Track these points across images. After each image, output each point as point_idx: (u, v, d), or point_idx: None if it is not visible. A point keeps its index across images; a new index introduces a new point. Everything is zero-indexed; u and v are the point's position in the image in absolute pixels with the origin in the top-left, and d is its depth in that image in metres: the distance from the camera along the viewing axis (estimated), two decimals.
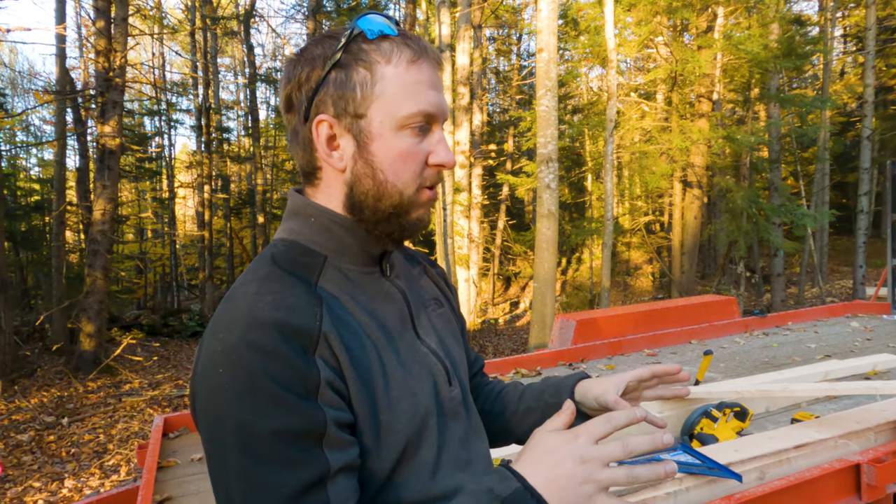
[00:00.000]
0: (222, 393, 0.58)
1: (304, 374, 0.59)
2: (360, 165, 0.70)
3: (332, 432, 0.60)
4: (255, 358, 0.58)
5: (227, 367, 0.59)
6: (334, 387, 0.62)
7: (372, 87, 0.68)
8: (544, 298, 6.38)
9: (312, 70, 0.69)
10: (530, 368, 3.42)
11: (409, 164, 0.69)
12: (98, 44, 8.03)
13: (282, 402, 0.58)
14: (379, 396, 0.66)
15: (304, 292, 0.65)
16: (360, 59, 0.68)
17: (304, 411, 0.59)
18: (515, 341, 10.69)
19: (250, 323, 0.60)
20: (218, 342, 0.60)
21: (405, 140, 0.69)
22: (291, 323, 0.61)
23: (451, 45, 9.43)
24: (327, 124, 0.69)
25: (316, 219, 0.72)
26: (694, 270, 11.35)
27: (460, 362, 0.84)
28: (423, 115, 0.69)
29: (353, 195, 0.71)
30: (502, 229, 16.67)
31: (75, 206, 11.77)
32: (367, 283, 0.73)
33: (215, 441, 0.60)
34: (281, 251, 0.71)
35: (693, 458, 1.77)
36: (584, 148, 15.19)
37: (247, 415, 0.57)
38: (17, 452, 5.18)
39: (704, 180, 10.88)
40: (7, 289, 7.78)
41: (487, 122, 18.41)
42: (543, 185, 6.46)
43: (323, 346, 0.62)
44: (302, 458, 0.58)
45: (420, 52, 0.70)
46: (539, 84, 6.42)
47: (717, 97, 10.92)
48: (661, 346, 3.77)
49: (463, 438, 0.77)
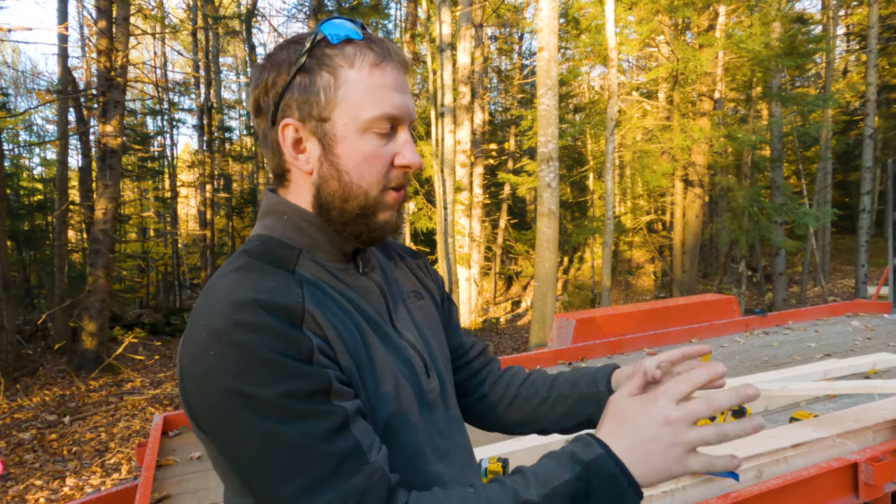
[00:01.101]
0: (219, 374, 0.58)
1: (297, 343, 0.60)
2: (326, 168, 0.71)
3: (336, 387, 0.61)
4: (245, 334, 0.58)
5: (218, 348, 0.58)
6: (326, 353, 0.63)
7: (335, 91, 0.69)
8: (545, 297, 6.38)
9: (278, 75, 0.70)
10: (530, 367, 3.43)
11: (375, 166, 0.70)
12: (100, 43, 8.05)
13: (282, 368, 0.58)
14: (365, 376, 0.67)
15: (283, 277, 0.66)
16: (324, 64, 0.69)
17: (307, 373, 0.60)
18: (517, 340, 10.68)
19: (233, 305, 0.60)
20: (202, 329, 0.60)
21: (370, 142, 0.70)
22: (275, 301, 0.61)
23: (451, 43, 9.43)
24: (293, 128, 0.71)
25: (288, 216, 0.73)
26: (695, 269, 11.34)
27: (440, 355, 0.84)
28: (387, 118, 0.70)
29: (320, 196, 0.72)
30: (504, 228, 16.67)
31: (77, 205, 11.79)
32: (343, 276, 0.74)
33: (224, 426, 0.59)
34: (256, 245, 0.71)
35: None
36: (585, 147, 15.17)
37: (251, 387, 0.57)
38: (19, 451, 5.19)
39: (706, 179, 10.86)
40: (9, 288, 7.80)
41: (489, 121, 18.40)
42: (544, 183, 6.46)
43: (309, 320, 0.63)
44: (318, 410, 0.59)
45: (384, 55, 0.71)
46: (540, 83, 6.41)
47: (718, 96, 10.90)
48: (661, 345, 3.77)
49: (442, 430, 0.78)
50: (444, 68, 8.92)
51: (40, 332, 10.22)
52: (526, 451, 2.08)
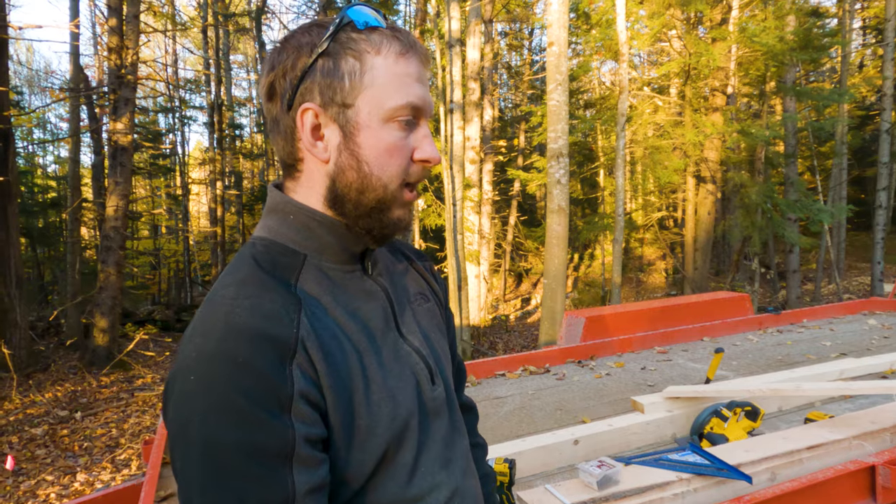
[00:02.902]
0: (192, 402, 0.57)
1: (276, 389, 0.58)
2: (345, 157, 0.68)
3: (301, 451, 0.58)
4: (227, 370, 0.57)
5: (199, 376, 0.57)
6: (309, 399, 0.60)
7: (361, 77, 0.66)
8: (554, 295, 6.34)
9: (298, 58, 0.67)
10: (539, 365, 3.40)
11: (395, 159, 0.68)
12: (110, 41, 8.09)
13: (250, 418, 0.56)
14: (358, 401, 0.64)
15: (282, 296, 0.64)
16: (350, 48, 0.66)
17: (273, 429, 0.57)
18: (526, 338, 10.64)
19: (226, 330, 0.58)
20: (194, 347, 0.59)
21: (392, 133, 0.67)
22: (268, 332, 0.59)
23: (461, 39, 9.38)
24: (313, 113, 0.68)
25: (295, 216, 0.70)
26: (707, 267, 11.23)
27: (444, 358, 0.82)
28: (411, 108, 0.67)
29: (335, 188, 0.69)
30: (513, 225, 16.61)
31: (90, 202, 11.90)
32: (348, 282, 0.72)
33: (180, 450, 0.58)
34: (260, 251, 0.69)
35: (702, 459, 1.73)
36: (595, 143, 15.07)
37: (213, 429, 0.56)
38: (31, 446, 5.24)
39: (718, 175, 10.74)
40: (22, 284, 7.88)
41: (499, 118, 18.33)
42: (554, 180, 6.41)
43: (300, 354, 0.60)
44: (266, 476, 0.57)
45: (409, 45, 0.68)
46: (550, 78, 6.36)
47: (731, 91, 10.76)
48: (672, 344, 3.73)
49: (446, 437, 0.76)
50: (453, 64, 8.87)
51: (53, 328, 10.33)
52: (534, 451, 2.05)
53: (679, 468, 1.66)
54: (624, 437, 2.15)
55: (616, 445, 2.14)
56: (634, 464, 1.75)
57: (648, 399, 2.32)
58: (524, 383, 3.12)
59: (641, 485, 1.58)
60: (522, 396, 2.91)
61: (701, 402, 2.24)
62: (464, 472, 0.78)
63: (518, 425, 2.53)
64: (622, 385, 2.99)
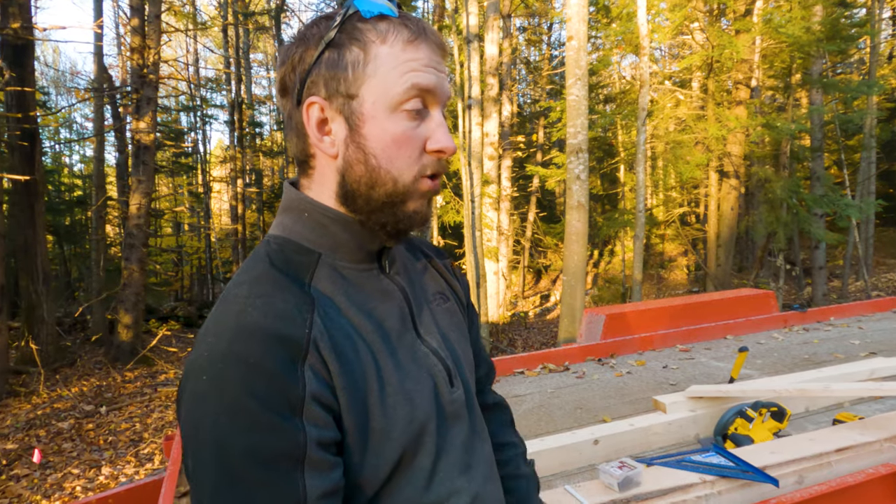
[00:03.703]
0: (203, 404, 0.56)
1: (287, 391, 0.56)
2: (352, 150, 0.66)
3: (313, 454, 0.57)
4: (239, 371, 0.56)
5: (211, 377, 0.56)
6: (322, 401, 0.59)
7: (364, 67, 0.64)
8: (574, 291, 6.28)
9: (306, 50, 0.66)
10: (558, 363, 3.37)
11: (405, 150, 0.65)
12: (133, 41, 8.20)
13: (261, 420, 0.55)
14: (373, 403, 0.63)
15: (295, 295, 0.62)
16: (354, 38, 0.64)
17: (284, 432, 0.56)
18: (545, 335, 10.58)
19: (238, 331, 0.57)
20: (206, 347, 0.58)
21: (400, 123, 0.64)
22: (280, 332, 0.58)
23: (478, 35, 9.32)
24: (318, 107, 0.66)
25: (309, 214, 0.69)
26: (730, 263, 11.04)
27: (465, 359, 0.79)
28: (418, 91, 0.64)
29: (345, 183, 0.67)
30: (532, 221, 16.52)
31: (114, 200, 12.10)
32: (364, 281, 0.70)
33: (192, 451, 0.57)
34: (274, 249, 0.68)
35: (726, 460, 1.69)
36: (616, 138, 14.90)
37: (224, 432, 0.55)
38: (58, 440, 5.35)
39: (742, 170, 10.55)
40: (49, 281, 8.04)
41: (518, 113, 18.22)
42: (573, 176, 6.34)
43: (312, 355, 0.59)
44: (277, 481, 0.55)
45: (418, 32, 0.66)
46: (569, 73, 6.29)
47: (755, 84, 10.55)
48: (694, 342, 3.67)
49: (465, 442, 0.73)
50: (471, 60, 8.83)
51: (79, 324, 10.54)
52: (553, 451, 2.02)
53: (702, 470, 1.62)
54: (645, 437, 2.12)
55: (637, 446, 2.10)
56: (656, 465, 1.71)
57: (670, 398, 2.28)
58: (543, 381, 3.10)
59: (663, 487, 1.54)
60: (542, 395, 2.88)
61: (725, 402, 2.19)
62: (485, 478, 0.75)
63: (537, 424, 2.51)
64: (643, 384, 2.94)
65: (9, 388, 6.69)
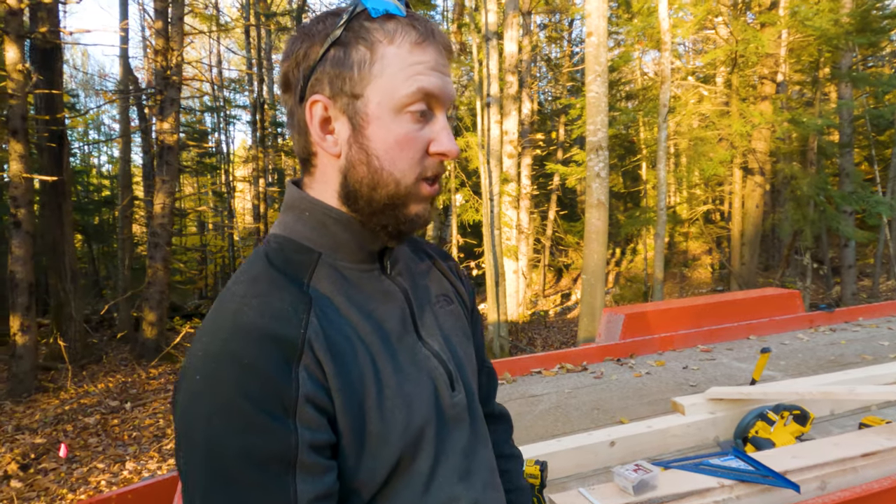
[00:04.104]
0: (197, 404, 0.56)
1: (281, 391, 0.56)
2: (355, 151, 0.65)
3: (305, 457, 0.56)
4: (232, 371, 0.55)
5: (205, 377, 0.56)
6: (316, 402, 0.58)
7: (370, 67, 0.63)
8: (594, 290, 6.22)
9: (311, 47, 0.65)
10: (576, 363, 3.33)
11: (408, 152, 0.64)
12: (157, 43, 8.34)
13: (253, 422, 0.54)
14: (370, 406, 0.62)
15: (292, 295, 0.62)
16: (361, 38, 0.64)
17: (276, 433, 0.55)
18: (566, 334, 10.50)
19: (233, 330, 0.57)
20: (202, 346, 0.58)
21: (404, 125, 0.64)
22: (275, 332, 0.58)
23: (497, 32, 9.28)
24: (322, 105, 0.65)
25: (310, 213, 0.68)
26: (755, 262, 10.83)
27: (468, 364, 0.78)
28: (424, 94, 0.64)
29: (347, 183, 0.66)
30: (553, 220, 16.41)
31: (139, 200, 12.33)
32: (364, 281, 0.69)
33: (185, 451, 0.57)
34: (274, 248, 0.67)
35: (745, 464, 1.65)
36: (637, 135, 14.72)
37: (217, 432, 0.55)
38: (84, 434, 5.47)
39: (767, 167, 10.33)
40: (77, 280, 8.23)
41: (538, 111, 18.11)
42: (593, 174, 6.28)
43: (307, 356, 0.58)
44: (268, 484, 0.55)
45: (426, 34, 0.65)
46: (588, 69, 6.22)
47: (781, 78, 10.32)
48: (716, 342, 3.60)
49: (466, 447, 0.72)
50: (489, 57, 8.79)
51: (106, 321, 10.77)
52: (569, 452, 2.00)
53: (721, 474, 1.58)
54: (663, 439, 2.08)
55: (655, 448, 2.07)
56: (673, 468, 1.68)
57: (689, 400, 2.24)
58: (560, 381, 3.07)
59: (680, 491, 1.51)
60: (559, 395, 2.85)
61: (746, 405, 2.14)
62: (486, 485, 0.74)
63: (553, 424, 2.48)
64: (662, 385, 2.89)
65: (38, 383, 6.86)
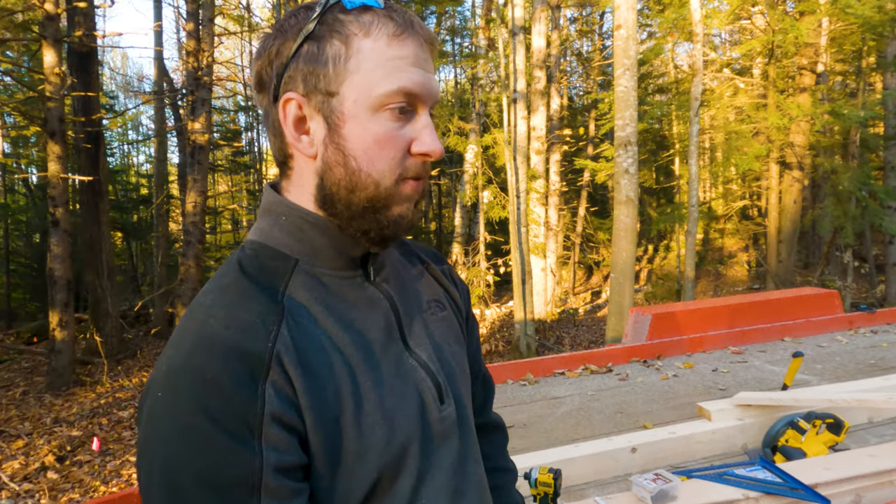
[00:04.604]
0: (157, 421, 0.53)
1: (245, 410, 0.52)
2: (331, 151, 0.61)
3: (270, 480, 0.52)
4: (194, 387, 0.52)
5: (165, 393, 0.54)
6: (284, 421, 0.54)
7: (346, 62, 0.59)
8: (622, 289, 6.09)
9: (284, 43, 0.61)
10: (601, 365, 3.26)
11: (387, 151, 0.60)
12: (188, 45, 8.49)
13: (213, 443, 0.51)
14: (346, 423, 0.58)
15: (262, 305, 0.58)
16: (336, 31, 0.60)
17: (239, 455, 0.51)
18: (594, 332, 10.34)
19: (197, 343, 0.54)
20: (166, 360, 0.56)
21: (383, 123, 0.60)
22: (240, 345, 0.54)
23: (524, 27, 9.15)
24: (296, 103, 0.61)
25: (287, 218, 0.64)
26: (792, 260, 10.47)
27: (460, 374, 0.73)
28: (404, 94, 0.59)
29: (323, 186, 0.62)
30: (583, 216, 16.18)
31: (174, 198, 12.62)
32: (346, 289, 0.65)
33: (145, 470, 0.54)
34: (248, 255, 0.64)
35: (773, 476, 1.57)
36: (670, 129, 14.39)
37: (174, 453, 0.52)
38: (118, 428, 5.62)
39: (807, 161, 9.96)
40: (113, 276, 8.46)
41: (568, 106, 17.87)
42: (622, 170, 6.14)
43: (275, 371, 0.55)
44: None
45: (405, 25, 0.61)
46: (617, 63, 6.08)
47: (822, 69, 9.93)
48: (748, 344, 3.48)
49: (455, 464, 0.68)
50: (516, 53, 8.68)
51: (142, 317, 11.05)
52: (588, 458, 1.94)
53: (746, 486, 1.51)
54: (687, 446, 2.01)
55: (678, 455, 2.00)
56: (695, 478, 1.61)
57: (716, 405, 2.15)
58: (584, 383, 3.00)
59: (701, 502, 1.45)
60: (581, 397, 2.79)
61: (776, 411, 2.05)
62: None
63: (574, 428, 2.43)
64: (690, 388, 2.80)
65: (76, 377, 7.08)
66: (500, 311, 11.12)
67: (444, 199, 21.00)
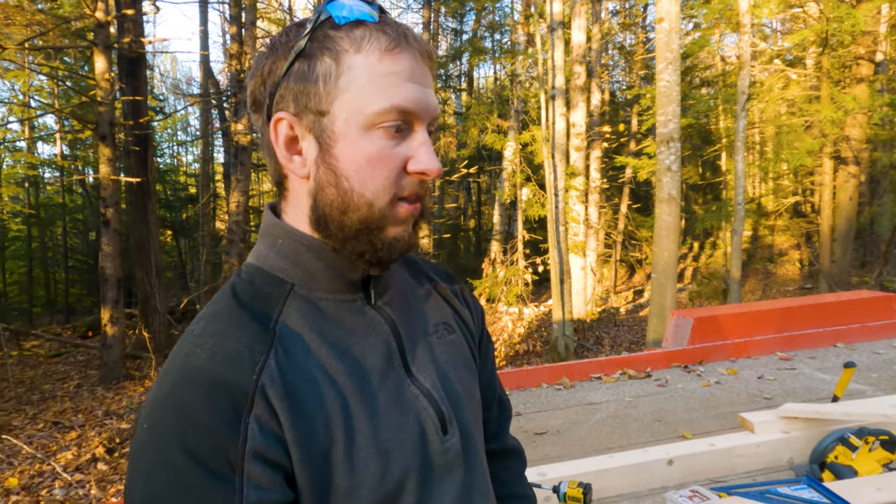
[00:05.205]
0: (141, 454, 0.53)
1: (225, 446, 0.51)
2: (323, 172, 0.59)
3: None
4: (175, 421, 0.51)
5: (150, 426, 0.53)
6: (268, 458, 0.52)
7: (336, 80, 0.57)
8: (664, 290, 5.92)
9: (276, 61, 0.60)
10: (639, 369, 3.17)
11: (380, 171, 0.58)
12: (231, 48, 8.70)
13: (192, 480, 0.50)
14: (337, 457, 0.56)
15: (251, 334, 0.56)
16: (326, 48, 0.58)
17: (218, 493, 0.50)
18: (636, 333, 10.11)
19: (180, 375, 0.53)
20: (154, 392, 0.55)
21: (375, 142, 0.57)
22: (224, 378, 0.53)
23: (563, 22, 8.99)
24: (287, 123, 0.60)
25: (283, 240, 0.63)
26: (847, 259, 9.99)
27: (468, 401, 0.70)
28: (397, 112, 0.57)
29: (317, 207, 0.60)
30: (625, 213, 15.85)
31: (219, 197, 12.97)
32: (344, 314, 0.62)
33: (126, 500, 0.53)
34: (243, 280, 0.62)
35: (819, 496, 1.48)
36: (717, 123, 13.93)
37: (154, 490, 0.51)
38: None
39: (864, 155, 9.48)
40: (161, 274, 8.76)
41: (610, 101, 17.53)
42: (664, 167, 5.97)
43: (259, 405, 0.53)
44: None
45: (398, 39, 0.58)
46: (659, 57, 5.91)
47: (881, 58, 9.43)
48: (797, 349, 3.33)
49: (459, 498, 0.64)
50: (554, 48, 8.54)
51: (189, 313, 11.41)
52: (622, 469, 1.88)
53: None
54: (728, 459, 1.92)
55: (718, 469, 1.91)
56: (736, 495, 1.54)
57: (760, 417, 2.06)
58: (621, 388, 2.92)
59: None
60: (618, 403, 2.72)
61: (825, 425, 1.94)
62: None
63: (609, 436, 2.36)
64: (733, 396, 2.69)
65: (126, 371, 7.36)
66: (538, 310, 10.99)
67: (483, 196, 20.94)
